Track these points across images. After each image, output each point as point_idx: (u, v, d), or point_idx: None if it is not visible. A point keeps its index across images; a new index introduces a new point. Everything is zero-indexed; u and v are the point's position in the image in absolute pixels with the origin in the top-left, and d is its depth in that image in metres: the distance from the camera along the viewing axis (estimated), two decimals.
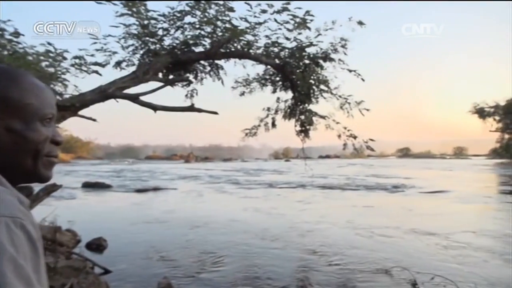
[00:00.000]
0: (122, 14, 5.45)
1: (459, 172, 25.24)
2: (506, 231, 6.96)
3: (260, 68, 6.50)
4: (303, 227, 7.21)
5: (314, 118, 6.42)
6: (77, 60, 5.24)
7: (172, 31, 5.78)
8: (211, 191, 14.33)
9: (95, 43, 5.57)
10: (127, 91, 5.46)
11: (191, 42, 5.80)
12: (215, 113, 5.45)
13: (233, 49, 5.84)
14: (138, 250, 5.56)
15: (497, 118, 43.94)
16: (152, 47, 5.83)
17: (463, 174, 23.43)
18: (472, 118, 45.13)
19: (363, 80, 6.07)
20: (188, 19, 5.61)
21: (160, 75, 5.89)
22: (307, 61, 6.02)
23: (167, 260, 5.00)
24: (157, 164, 39.14)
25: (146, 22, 5.59)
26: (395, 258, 5.02)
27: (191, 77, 6.27)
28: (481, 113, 44.18)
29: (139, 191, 14.15)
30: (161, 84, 5.53)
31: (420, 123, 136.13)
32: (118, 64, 5.88)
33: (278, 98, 6.59)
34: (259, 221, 8.02)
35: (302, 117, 6.46)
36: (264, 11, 5.41)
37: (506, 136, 43.08)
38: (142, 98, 5.28)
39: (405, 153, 72.60)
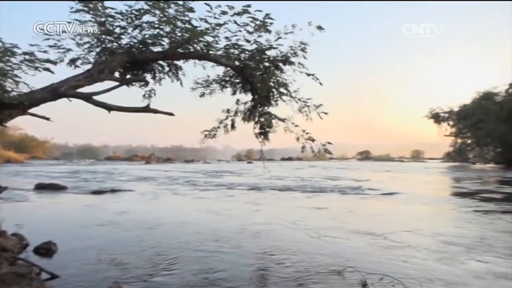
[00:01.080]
0: (78, 10, 5.29)
1: (413, 175, 26.29)
2: (444, 230, 7.34)
3: (220, 70, 6.50)
4: (254, 228, 7.31)
5: (273, 121, 6.50)
6: (27, 56, 5.05)
7: (130, 30, 5.67)
8: (168, 193, 14.15)
9: (47, 39, 5.39)
10: (82, 90, 5.30)
11: (149, 41, 5.71)
12: (171, 114, 5.38)
13: (192, 50, 5.80)
14: (89, 253, 5.38)
15: (451, 123, 46.29)
16: (109, 45, 5.69)
17: (416, 177, 24.41)
18: (429, 123, 47.24)
19: (321, 84, 6.19)
20: (146, 18, 5.53)
21: (117, 74, 5.76)
22: (267, 64, 6.08)
23: (118, 263, 4.87)
24: (116, 165, 38.03)
25: (102, 19, 5.45)
26: (341, 259, 5.18)
27: (148, 77, 6.18)
28: (437, 118, 46.41)
29: (95, 192, 13.70)
30: (116, 83, 5.41)
31: (380, 126, 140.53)
32: (72, 62, 5.71)
33: (238, 100, 6.63)
34: (211, 222, 8.06)
35: (262, 119, 6.52)
36: (224, 13, 5.42)
37: (459, 140, 45.42)
38: (96, 97, 5.13)
39: (365, 156, 74.40)
